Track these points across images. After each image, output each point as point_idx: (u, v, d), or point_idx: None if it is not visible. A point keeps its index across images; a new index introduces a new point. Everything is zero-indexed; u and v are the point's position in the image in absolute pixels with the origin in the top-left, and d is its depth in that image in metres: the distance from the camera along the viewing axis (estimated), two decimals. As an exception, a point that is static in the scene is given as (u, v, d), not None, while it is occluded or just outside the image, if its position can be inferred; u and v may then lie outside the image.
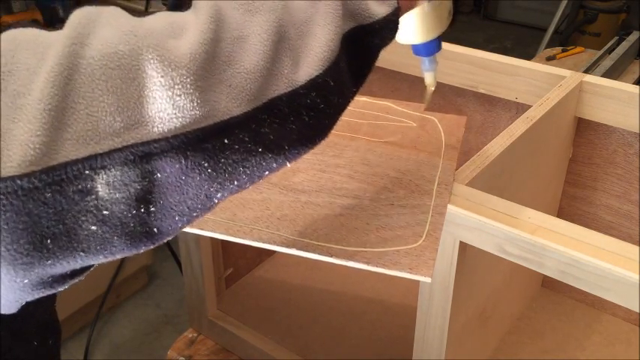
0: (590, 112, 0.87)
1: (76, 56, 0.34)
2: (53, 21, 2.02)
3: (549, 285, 1.04)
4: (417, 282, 0.55)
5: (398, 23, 0.46)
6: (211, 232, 0.57)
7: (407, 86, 1.05)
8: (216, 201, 0.39)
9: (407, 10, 0.50)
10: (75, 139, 0.33)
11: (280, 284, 1.06)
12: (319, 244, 0.55)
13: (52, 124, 0.33)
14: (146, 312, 2.03)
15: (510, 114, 0.95)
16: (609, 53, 1.80)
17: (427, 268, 0.53)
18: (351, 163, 0.68)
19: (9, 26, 0.37)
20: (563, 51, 1.97)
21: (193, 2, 0.39)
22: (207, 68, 0.36)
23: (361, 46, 0.45)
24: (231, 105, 0.36)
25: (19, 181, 0.32)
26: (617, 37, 1.91)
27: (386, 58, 1.01)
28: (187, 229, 0.57)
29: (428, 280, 0.52)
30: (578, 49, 1.97)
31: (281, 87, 0.39)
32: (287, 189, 0.63)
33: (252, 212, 0.59)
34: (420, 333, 0.72)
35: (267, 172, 0.40)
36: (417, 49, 0.61)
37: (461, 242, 0.63)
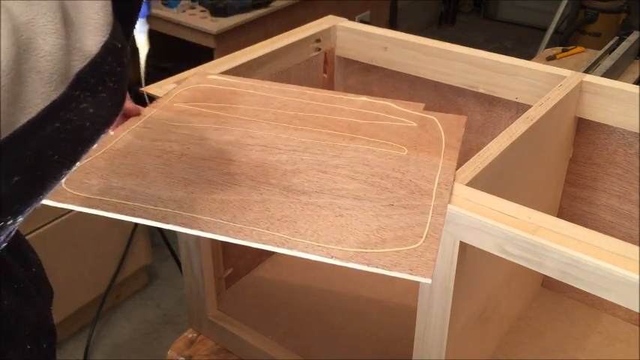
0: (591, 112, 0.87)
1: None
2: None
3: (549, 285, 1.04)
4: (417, 282, 0.55)
5: None
6: (211, 233, 0.57)
7: (407, 86, 1.05)
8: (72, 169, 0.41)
9: None
10: None
11: (280, 284, 1.06)
12: (319, 245, 0.55)
13: None
14: (146, 312, 2.03)
15: (510, 114, 0.95)
16: (609, 53, 1.80)
17: (427, 269, 0.53)
18: (351, 164, 0.68)
19: None
20: (563, 51, 1.97)
21: None
22: (12, 66, 0.35)
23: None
24: (47, 90, 0.37)
25: None
26: (617, 37, 1.91)
27: (386, 58, 1.02)
28: (187, 231, 0.57)
29: (428, 281, 0.52)
30: (579, 49, 1.97)
31: (80, 60, 0.39)
32: (287, 190, 0.63)
33: (252, 213, 0.59)
34: (420, 333, 0.72)
35: (96, 142, 0.42)
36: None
37: (461, 242, 0.63)
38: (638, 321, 0.97)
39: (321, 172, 0.66)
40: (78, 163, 0.42)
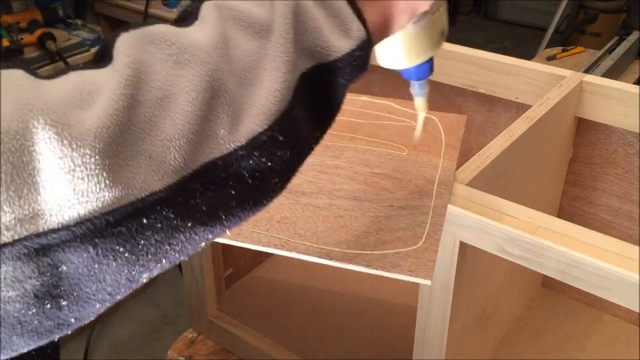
0: (591, 112, 0.87)
1: None
2: (53, 21, 2.02)
3: (549, 285, 1.04)
4: (418, 282, 0.55)
5: (367, 57, 0.41)
6: None
7: (407, 86, 1.05)
8: (144, 280, 0.34)
9: (382, 39, 0.45)
10: None
11: (280, 284, 1.06)
12: (319, 247, 0.55)
13: None
14: (146, 312, 2.03)
15: (510, 114, 0.95)
16: (609, 53, 1.80)
17: (427, 270, 0.53)
18: (351, 164, 0.68)
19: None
20: (563, 51, 1.96)
21: (114, 52, 0.33)
22: (119, 142, 0.30)
23: (324, 87, 0.40)
24: (150, 179, 0.31)
25: None
26: (617, 37, 1.91)
27: (386, 58, 1.01)
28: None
29: (428, 282, 0.52)
30: (579, 49, 1.97)
31: (216, 150, 0.33)
32: (287, 191, 0.63)
33: (252, 214, 0.59)
34: (420, 333, 0.72)
35: (202, 244, 0.35)
36: (407, 72, 0.56)
37: (461, 242, 0.63)
38: (638, 321, 0.97)
39: (320, 172, 0.66)
40: (157, 272, 0.35)
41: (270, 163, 0.35)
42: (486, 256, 0.63)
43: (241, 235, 0.56)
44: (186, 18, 0.38)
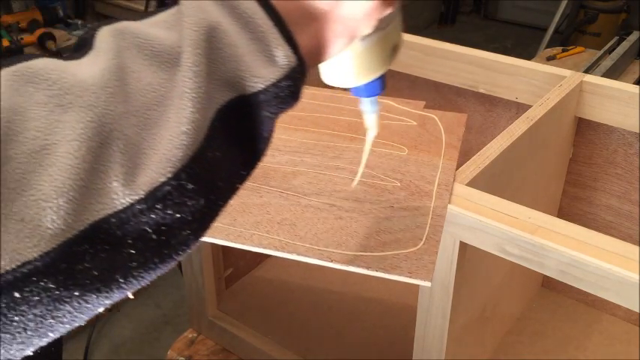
0: (591, 111, 0.87)
1: None
2: (53, 21, 2.02)
3: (549, 285, 1.04)
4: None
5: (297, 87, 0.35)
6: (211, 237, 0.56)
7: (407, 86, 1.05)
8: (31, 353, 0.30)
9: (315, 64, 0.39)
10: None
11: (280, 284, 1.06)
12: (319, 248, 0.55)
13: None
14: (146, 312, 2.03)
15: (510, 114, 0.95)
16: (609, 53, 1.80)
17: (427, 272, 0.53)
18: (351, 165, 0.68)
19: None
20: (563, 51, 1.97)
21: None
22: None
23: (247, 121, 0.34)
24: (23, 246, 0.26)
25: None
26: (617, 37, 1.91)
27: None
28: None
29: (428, 284, 0.52)
30: (579, 49, 1.97)
31: (108, 206, 0.28)
32: (287, 192, 0.63)
33: (253, 217, 0.59)
34: (420, 333, 0.72)
35: (100, 309, 0.31)
36: (356, 90, 0.51)
37: (461, 242, 0.63)
38: (638, 321, 0.97)
39: (321, 173, 0.66)
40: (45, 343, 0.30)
41: (178, 215, 0.30)
42: (486, 256, 0.63)
43: (242, 237, 0.56)
44: (81, 47, 0.33)
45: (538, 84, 0.88)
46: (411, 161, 0.69)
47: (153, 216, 0.29)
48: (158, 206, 0.29)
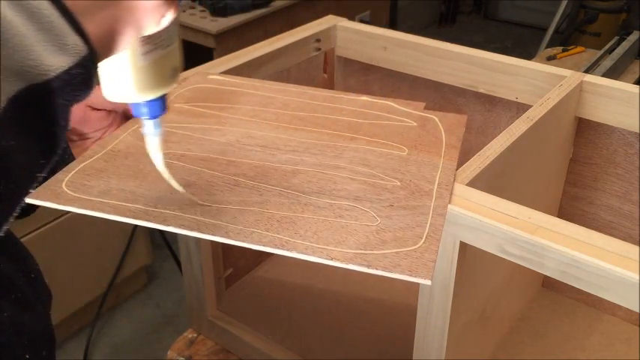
0: (591, 111, 0.87)
1: None
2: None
3: (549, 285, 1.04)
4: (418, 282, 0.55)
5: (90, 75, 0.36)
6: (211, 235, 0.56)
7: (407, 86, 1.05)
8: None
9: (109, 54, 0.40)
10: None
11: (280, 284, 1.06)
12: (319, 246, 0.55)
13: None
14: (146, 312, 2.03)
15: (510, 114, 0.95)
16: (609, 53, 1.80)
17: (427, 270, 0.53)
18: (351, 164, 0.68)
19: None
20: (563, 51, 1.97)
21: None
22: None
23: (41, 109, 0.35)
24: None
25: None
26: (617, 37, 1.91)
27: (386, 58, 1.02)
28: (188, 233, 0.57)
29: (428, 282, 0.52)
30: (579, 48, 1.97)
31: None
32: (287, 190, 0.63)
33: (252, 215, 0.59)
34: (420, 333, 0.72)
35: None
36: (138, 110, 0.51)
37: (461, 242, 0.63)
38: (638, 321, 0.97)
39: (321, 172, 0.66)
40: None
41: None
42: (486, 256, 0.63)
43: (242, 235, 0.56)
44: None
45: (538, 84, 0.88)
46: (411, 161, 0.69)
47: None
48: None
